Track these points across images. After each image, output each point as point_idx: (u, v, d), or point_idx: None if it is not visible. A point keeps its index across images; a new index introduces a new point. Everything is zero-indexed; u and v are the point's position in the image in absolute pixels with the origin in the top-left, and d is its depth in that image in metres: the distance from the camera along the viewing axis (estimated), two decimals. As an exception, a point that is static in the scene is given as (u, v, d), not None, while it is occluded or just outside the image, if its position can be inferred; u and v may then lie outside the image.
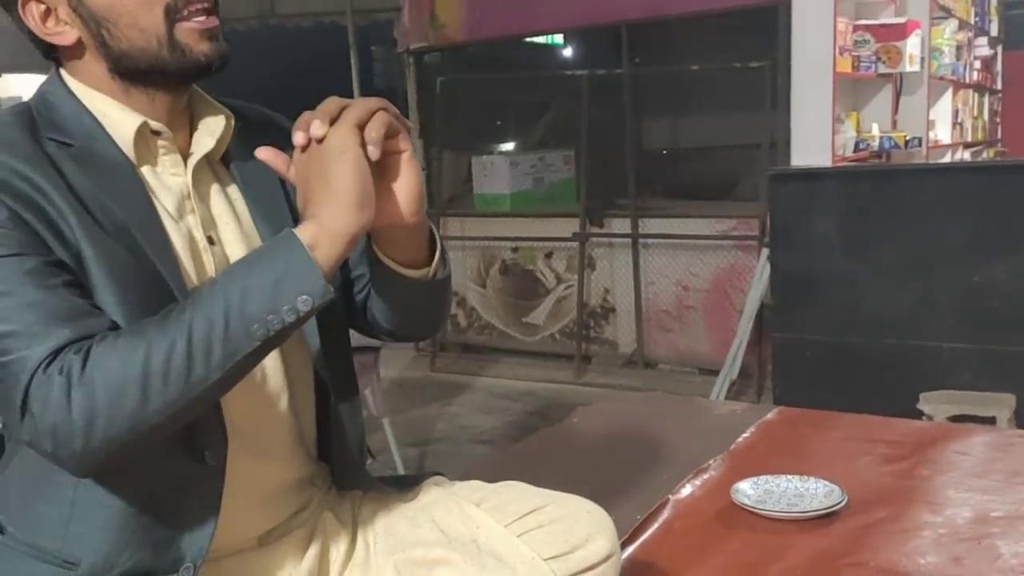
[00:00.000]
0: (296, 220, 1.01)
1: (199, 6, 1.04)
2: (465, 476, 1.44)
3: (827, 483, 1.66)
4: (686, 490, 1.76)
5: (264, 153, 1.01)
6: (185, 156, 1.11)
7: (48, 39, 1.04)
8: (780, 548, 1.49)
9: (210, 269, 1.08)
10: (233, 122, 1.14)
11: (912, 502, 1.65)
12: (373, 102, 0.99)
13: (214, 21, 1.05)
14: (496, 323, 5.72)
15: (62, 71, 1.09)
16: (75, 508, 1.01)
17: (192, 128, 1.12)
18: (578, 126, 5.34)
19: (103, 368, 0.89)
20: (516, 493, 1.22)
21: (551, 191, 5.86)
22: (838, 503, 1.59)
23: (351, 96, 1.00)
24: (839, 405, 2.35)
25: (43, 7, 1.03)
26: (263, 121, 1.22)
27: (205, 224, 1.10)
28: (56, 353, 0.90)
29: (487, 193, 5.70)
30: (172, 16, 1.03)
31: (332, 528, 1.23)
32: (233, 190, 1.16)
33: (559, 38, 7.26)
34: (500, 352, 5.66)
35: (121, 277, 0.98)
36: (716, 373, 4.37)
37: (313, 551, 1.19)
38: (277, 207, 1.16)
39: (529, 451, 2.24)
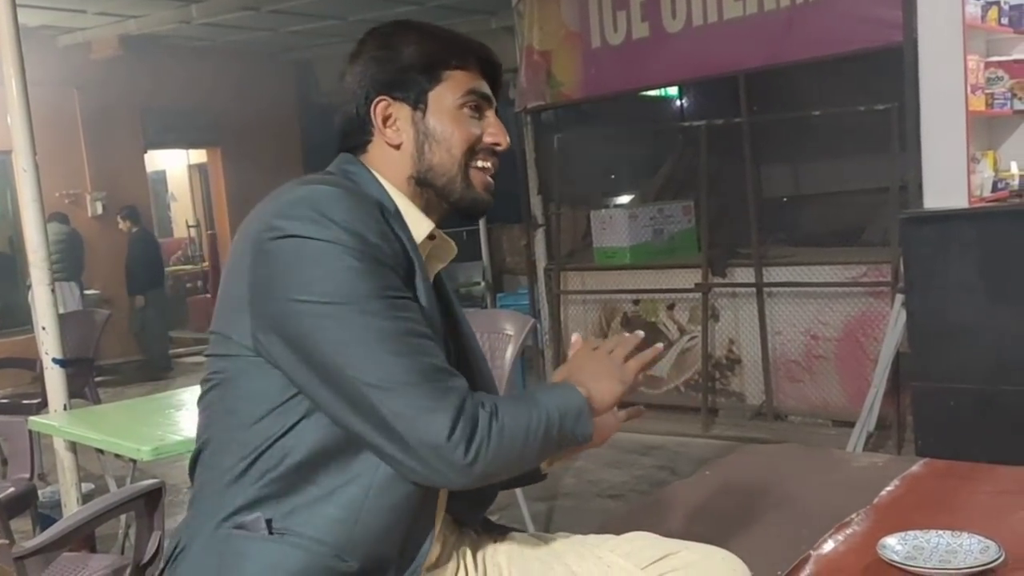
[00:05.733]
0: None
1: (490, 150, 1.30)
2: (597, 531, 1.44)
3: (982, 538, 1.58)
4: (828, 545, 1.70)
5: (576, 338, 1.39)
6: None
7: (382, 135, 1.28)
8: (934, 607, 1.42)
9: None
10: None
11: (1078, 559, 1.55)
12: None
13: (490, 178, 1.31)
14: (619, 376, 5.67)
15: (362, 159, 1.30)
16: (361, 514, 1.16)
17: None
18: (697, 176, 5.31)
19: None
20: (647, 541, 1.30)
21: (671, 242, 5.83)
22: (995, 559, 1.50)
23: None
24: (986, 456, 2.23)
25: (389, 111, 1.27)
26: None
27: None
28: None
29: (607, 247, 5.73)
30: (471, 152, 1.28)
31: (469, 565, 1.36)
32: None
33: (673, 89, 7.27)
34: (624, 405, 5.59)
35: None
36: (850, 425, 4.21)
37: None
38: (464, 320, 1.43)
39: (661, 505, 2.22)
